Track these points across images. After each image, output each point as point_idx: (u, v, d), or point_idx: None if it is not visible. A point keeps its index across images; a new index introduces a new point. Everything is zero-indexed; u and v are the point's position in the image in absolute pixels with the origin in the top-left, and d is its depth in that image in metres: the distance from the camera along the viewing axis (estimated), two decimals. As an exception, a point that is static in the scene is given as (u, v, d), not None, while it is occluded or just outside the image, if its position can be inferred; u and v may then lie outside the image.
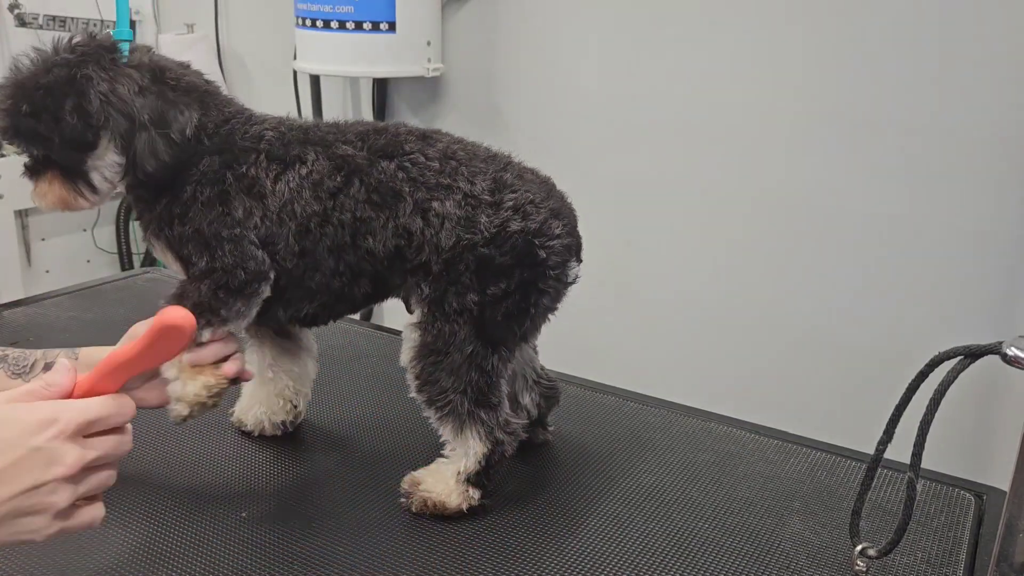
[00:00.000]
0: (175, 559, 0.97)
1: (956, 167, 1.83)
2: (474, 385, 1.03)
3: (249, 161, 1.02)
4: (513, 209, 1.01)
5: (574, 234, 1.08)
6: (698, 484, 1.14)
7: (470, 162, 1.04)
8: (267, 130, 1.04)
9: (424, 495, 1.05)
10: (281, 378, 1.20)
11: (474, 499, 1.05)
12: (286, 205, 1.01)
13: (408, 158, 1.02)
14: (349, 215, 1.01)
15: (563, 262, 1.04)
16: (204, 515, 1.05)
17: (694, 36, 2.05)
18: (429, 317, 1.03)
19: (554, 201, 1.06)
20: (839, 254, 2.00)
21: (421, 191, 1.01)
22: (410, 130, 1.07)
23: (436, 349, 1.02)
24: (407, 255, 1.02)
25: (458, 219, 1.00)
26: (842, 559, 0.99)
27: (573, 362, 1.61)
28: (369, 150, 1.03)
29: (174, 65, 1.04)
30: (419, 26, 2.26)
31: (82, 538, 1.00)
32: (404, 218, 1.01)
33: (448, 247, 1.00)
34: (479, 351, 1.02)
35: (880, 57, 1.85)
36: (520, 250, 1.00)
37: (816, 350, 2.07)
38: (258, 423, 1.22)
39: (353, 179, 1.01)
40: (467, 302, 1.00)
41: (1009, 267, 1.82)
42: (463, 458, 1.05)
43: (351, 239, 1.02)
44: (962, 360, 0.86)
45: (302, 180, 1.01)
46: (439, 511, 1.05)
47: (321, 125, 1.07)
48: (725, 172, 2.09)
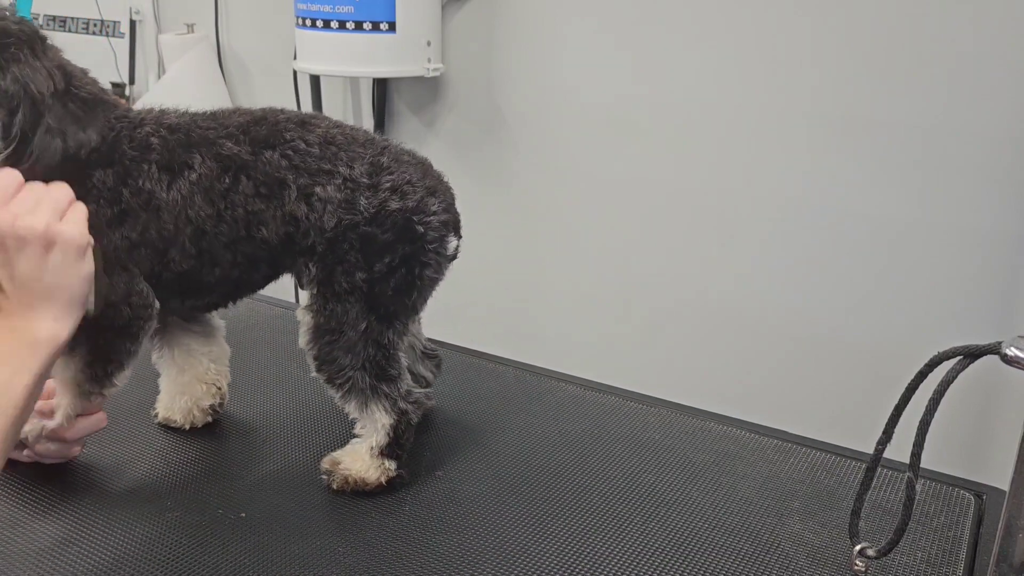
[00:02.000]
0: (175, 559, 0.97)
1: (956, 167, 1.83)
2: (372, 360, 1.07)
3: (142, 173, 1.01)
4: (391, 190, 1.05)
5: (451, 211, 1.13)
6: (698, 484, 1.14)
7: (349, 147, 1.07)
8: (151, 136, 1.03)
9: (344, 473, 1.10)
10: (201, 362, 1.22)
11: (391, 470, 1.10)
12: (181, 213, 1.02)
13: (290, 146, 1.05)
14: (242, 210, 1.03)
15: (441, 237, 1.10)
16: (204, 515, 1.05)
17: (695, 36, 2.05)
18: (320, 299, 1.06)
19: (430, 180, 1.11)
20: (839, 254, 2.00)
21: (304, 177, 1.04)
22: (288, 116, 1.09)
23: (330, 329, 1.06)
24: (296, 239, 1.05)
25: (339, 202, 1.04)
26: (841, 559, 0.99)
27: (573, 362, 1.61)
28: (252, 142, 1.04)
29: (79, 72, 1.03)
30: (419, 26, 2.26)
31: (82, 538, 1.01)
32: (290, 205, 1.04)
33: (331, 228, 1.04)
34: (373, 326, 1.06)
35: (880, 57, 1.85)
36: (400, 227, 1.05)
37: (816, 350, 2.07)
38: (187, 413, 1.22)
39: (240, 176, 1.03)
40: (356, 280, 1.04)
41: (1009, 267, 1.82)
42: (373, 433, 1.09)
43: (246, 232, 1.04)
44: (961, 360, 0.86)
45: (192, 186, 1.02)
46: (361, 487, 1.09)
47: (200, 121, 1.07)
48: (724, 172, 2.09)
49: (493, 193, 2.42)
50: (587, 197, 2.27)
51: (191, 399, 1.22)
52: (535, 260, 2.43)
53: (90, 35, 3.08)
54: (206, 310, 1.19)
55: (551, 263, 2.40)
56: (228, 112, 1.09)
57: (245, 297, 1.18)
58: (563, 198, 2.31)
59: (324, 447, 1.18)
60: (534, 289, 2.46)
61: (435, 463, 1.18)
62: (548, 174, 2.31)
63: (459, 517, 1.06)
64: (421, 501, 1.09)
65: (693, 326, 2.23)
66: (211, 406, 1.24)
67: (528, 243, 2.42)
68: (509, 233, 2.43)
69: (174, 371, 1.22)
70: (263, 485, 1.12)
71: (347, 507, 1.08)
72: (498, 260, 2.48)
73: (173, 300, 1.09)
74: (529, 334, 2.49)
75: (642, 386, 1.41)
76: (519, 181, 2.37)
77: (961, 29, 1.76)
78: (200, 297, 1.12)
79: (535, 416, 1.31)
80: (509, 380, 1.42)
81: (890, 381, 1.02)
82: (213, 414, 1.25)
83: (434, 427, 1.27)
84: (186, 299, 1.11)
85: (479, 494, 1.11)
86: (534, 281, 2.45)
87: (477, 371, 1.45)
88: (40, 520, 1.04)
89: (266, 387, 1.37)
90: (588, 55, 2.20)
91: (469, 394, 1.37)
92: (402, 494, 1.11)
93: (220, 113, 1.08)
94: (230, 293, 1.14)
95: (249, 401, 1.33)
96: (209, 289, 1.09)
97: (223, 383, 1.25)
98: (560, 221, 2.34)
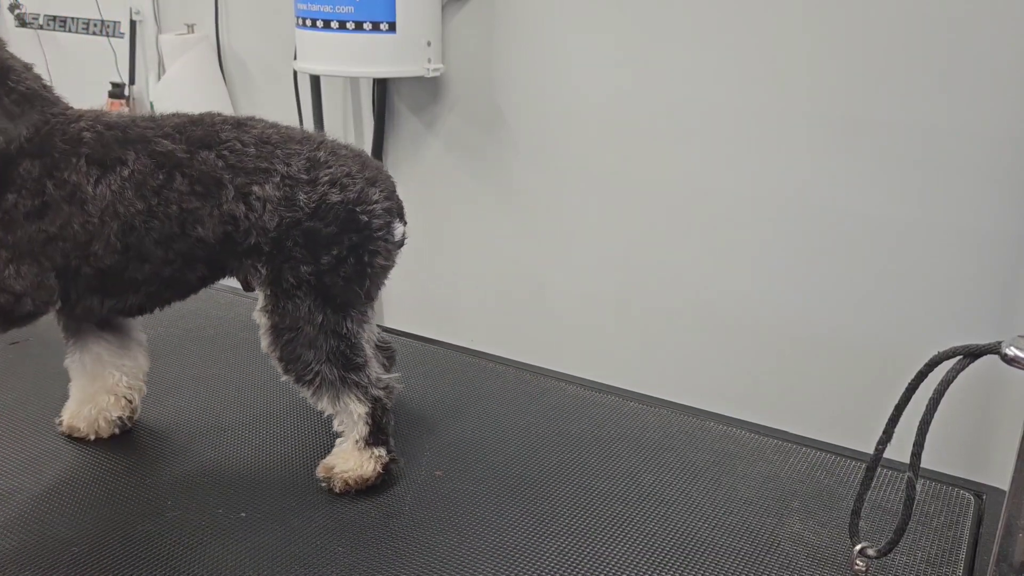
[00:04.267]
0: (175, 559, 0.97)
1: (956, 167, 1.83)
2: (336, 351, 1.08)
3: (70, 166, 1.01)
4: (330, 183, 1.06)
5: (392, 198, 1.14)
6: (698, 484, 1.14)
7: (285, 144, 1.08)
8: (85, 131, 1.03)
9: (342, 476, 1.10)
10: (112, 374, 1.20)
11: (383, 457, 1.11)
12: (108, 207, 1.01)
13: (226, 146, 1.05)
14: (176, 207, 1.03)
15: (386, 224, 1.11)
16: (204, 515, 1.05)
17: (695, 36, 2.05)
18: (272, 298, 1.07)
19: (369, 171, 1.12)
20: (839, 254, 1.99)
21: (240, 176, 1.04)
22: (225, 119, 1.10)
23: (287, 327, 1.07)
24: (236, 239, 1.05)
25: (278, 200, 1.05)
26: (841, 559, 0.99)
27: (573, 362, 1.61)
28: (187, 142, 1.05)
29: (20, 67, 1.03)
30: (419, 26, 2.26)
31: (82, 538, 1.01)
32: (227, 204, 1.04)
33: (273, 227, 1.05)
34: (329, 318, 1.07)
35: (880, 58, 1.85)
36: (343, 219, 1.06)
37: (816, 350, 2.07)
38: (92, 423, 1.21)
39: (175, 174, 1.03)
40: (303, 274, 1.05)
41: (1009, 267, 1.82)
42: (353, 427, 1.10)
43: (180, 229, 1.04)
44: (961, 360, 0.86)
45: (124, 181, 1.02)
46: (362, 484, 1.10)
47: (139, 121, 1.07)
48: (724, 172, 2.09)
49: (493, 193, 2.42)
50: (587, 197, 2.27)
51: (96, 409, 1.20)
52: (535, 260, 2.42)
53: (90, 35, 3.08)
54: (127, 313, 1.15)
55: (551, 263, 2.40)
56: (167, 115, 1.10)
57: (175, 301, 1.15)
58: (563, 198, 2.31)
59: (324, 447, 1.18)
60: (534, 289, 2.45)
61: (435, 463, 1.18)
62: (548, 174, 2.31)
63: (459, 517, 1.06)
64: (421, 501, 1.09)
65: (693, 326, 2.23)
66: (119, 418, 1.22)
67: (528, 243, 2.42)
68: (509, 233, 2.43)
69: (84, 379, 1.20)
70: (263, 485, 1.13)
71: (347, 507, 1.08)
72: (498, 260, 2.48)
73: (91, 298, 1.07)
74: (529, 334, 2.49)
75: (642, 386, 1.41)
76: (519, 181, 2.37)
77: (961, 29, 1.76)
78: (122, 296, 1.08)
79: (535, 416, 1.31)
80: (509, 380, 1.42)
81: (890, 381, 1.02)
82: (121, 426, 1.22)
83: (434, 427, 1.27)
84: (107, 298, 1.08)
85: (479, 494, 1.11)
86: (534, 281, 2.45)
87: (477, 371, 1.45)
88: (40, 520, 1.04)
89: (265, 387, 1.37)
90: (588, 55, 2.20)
91: (469, 394, 1.37)
92: (402, 494, 1.11)
93: (160, 115, 1.09)
94: (158, 294, 1.11)
95: (249, 401, 1.33)
96: (135, 287, 1.07)
97: (135, 396, 1.23)
98: (560, 221, 2.34)
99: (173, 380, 1.38)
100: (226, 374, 1.42)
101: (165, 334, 1.53)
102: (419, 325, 1.65)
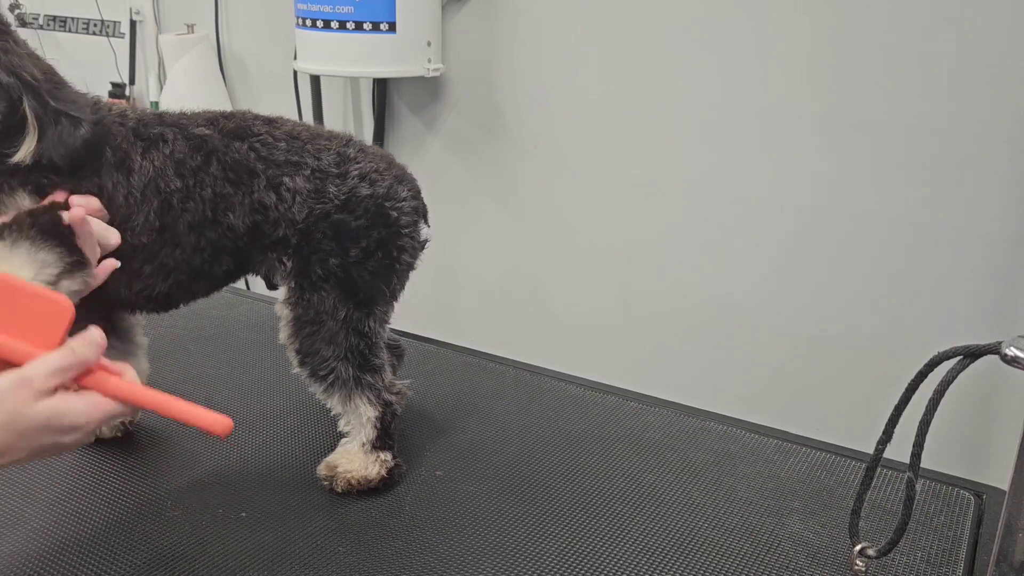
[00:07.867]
0: (175, 559, 0.97)
1: (956, 167, 1.83)
2: (355, 350, 1.08)
3: (121, 135, 1.02)
4: (359, 177, 1.07)
5: (419, 198, 1.15)
6: (698, 484, 1.14)
7: (314, 140, 1.09)
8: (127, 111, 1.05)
9: (345, 476, 1.10)
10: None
11: (388, 462, 1.11)
12: (151, 182, 1.02)
13: (258, 139, 1.06)
14: (210, 191, 1.04)
15: (414, 222, 1.12)
16: (204, 515, 1.05)
17: (696, 35, 2.05)
18: (297, 290, 1.07)
19: (396, 170, 1.13)
20: (839, 254, 1.99)
21: (272, 168, 1.05)
22: (256, 115, 1.11)
23: (310, 320, 1.07)
24: (265, 230, 1.06)
25: (308, 192, 1.05)
26: (841, 559, 0.99)
27: (573, 362, 1.61)
28: (221, 133, 1.06)
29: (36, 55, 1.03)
30: (419, 26, 2.26)
31: (82, 538, 1.01)
32: (259, 193, 1.04)
33: (302, 219, 1.05)
34: (353, 314, 1.07)
35: (881, 58, 1.85)
36: (372, 212, 1.07)
37: (816, 350, 2.07)
38: None
39: (211, 158, 1.04)
40: (331, 267, 1.05)
41: (1009, 267, 1.82)
42: (360, 429, 1.10)
43: (212, 214, 1.04)
44: (961, 360, 0.86)
45: (165, 158, 1.03)
46: (365, 486, 1.10)
47: (171, 113, 1.09)
48: (724, 172, 2.09)
49: (493, 193, 2.42)
50: (587, 197, 2.27)
51: None
52: (535, 260, 2.42)
53: (90, 35, 3.08)
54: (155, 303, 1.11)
55: (551, 263, 2.40)
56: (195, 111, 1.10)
57: (200, 297, 1.14)
58: (563, 198, 2.31)
59: (324, 447, 1.18)
60: (534, 289, 2.45)
61: (435, 463, 1.18)
62: (548, 174, 2.31)
63: (459, 517, 1.06)
64: (421, 501, 1.10)
65: (694, 326, 2.23)
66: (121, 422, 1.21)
67: (528, 243, 2.42)
68: (509, 233, 2.43)
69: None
70: (263, 485, 1.13)
71: (347, 507, 1.08)
72: (498, 260, 2.48)
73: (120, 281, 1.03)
74: (529, 334, 2.49)
75: (642, 386, 1.41)
76: (519, 181, 2.37)
77: (962, 29, 1.76)
78: (151, 281, 1.06)
79: (535, 416, 1.31)
80: (509, 380, 1.42)
81: (890, 381, 1.02)
82: (123, 428, 1.23)
83: (434, 427, 1.27)
84: (135, 280, 1.05)
85: (479, 494, 1.11)
86: (534, 281, 2.45)
87: (477, 371, 1.45)
88: (40, 520, 1.05)
89: (266, 387, 1.37)
90: (588, 55, 2.20)
91: (469, 394, 1.37)
92: (402, 494, 1.11)
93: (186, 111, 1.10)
94: (186, 284, 1.09)
95: (249, 401, 1.33)
96: (165, 274, 1.06)
97: None
98: (560, 221, 2.34)
99: (173, 380, 1.38)
100: (226, 374, 1.42)
101: (165, 334, 1.53)
102: (419, 325, 1.65)
